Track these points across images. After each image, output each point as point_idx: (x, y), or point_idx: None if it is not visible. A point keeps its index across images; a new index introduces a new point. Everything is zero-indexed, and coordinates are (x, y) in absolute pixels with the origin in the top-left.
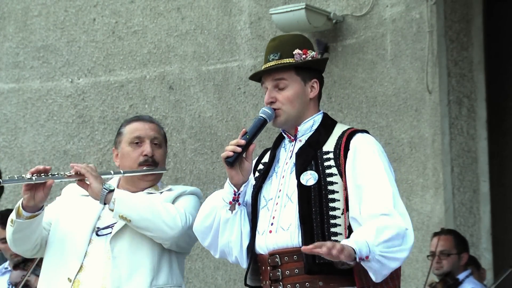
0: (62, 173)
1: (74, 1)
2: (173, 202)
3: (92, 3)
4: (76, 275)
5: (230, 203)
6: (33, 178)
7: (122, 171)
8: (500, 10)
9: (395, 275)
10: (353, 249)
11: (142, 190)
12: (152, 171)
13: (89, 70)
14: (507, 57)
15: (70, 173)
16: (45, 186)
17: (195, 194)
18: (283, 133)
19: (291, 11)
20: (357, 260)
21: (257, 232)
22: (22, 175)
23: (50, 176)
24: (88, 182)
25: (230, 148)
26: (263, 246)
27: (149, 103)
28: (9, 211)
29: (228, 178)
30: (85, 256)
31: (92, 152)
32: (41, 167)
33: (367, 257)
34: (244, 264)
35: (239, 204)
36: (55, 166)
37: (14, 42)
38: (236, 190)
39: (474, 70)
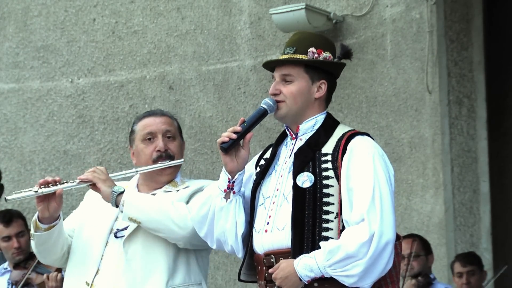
0: (71, 180)
1: (74, 1)
2: (190, 198)
3: (92, 3)
4: (93, 278)
5: (224, 191)
6: (39, 190)
7: (135, 169)
8: (500, 10)
9: (396, 279)
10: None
11: (163, 185)
12: (166, 165)
13: (89, 70)
14: (507, 57)
15: (79, 179)
16: (56, 196)
17: None
18: (287, 130)
19: (291, 11)
20: (307, 282)
21: (254, 230)
22: (30, 188)
23: (58, 185)
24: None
25: (225, 134)
26: (260, 245)
27: (149, 103)
28: (9, 211)
29: (223, 166)
30: (101, 259)
31: (92, 152)
32: (49, 178)
33: (322, 275)
34: (239, 253)
35: (234, 193)
36: (55, 166)
37: (14, 42)
38: (230, 177)
39: (474, 70)
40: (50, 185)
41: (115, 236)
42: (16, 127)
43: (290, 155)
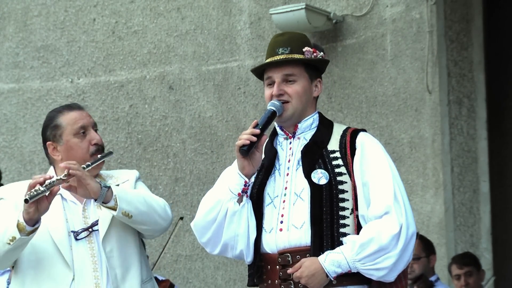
0: (58, 178)
1: (74, 1)
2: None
3: (92, 3)
4: (70, 285)
5: (239, 194)
6: (45, 189)
7: (90, 163)
8: (500, 10)
9: (407, 274)
10: (326, 274)
11: None
12: (106, 156)
13: (89, 70)
14: (507, 57)
15: (64, 177)
16: (49, 195)
17: (140, 178)
18: (279, 130)
19: (291, 11)
20: (332, 279)
21: (263, 230)
22: (36, 189)
23: (53, 183)
24: (72, 183)
25: (245, 137)
26: (272, 244)
27: (149, 103)
28: None
29: (238, 169)
30: (72, 264)
31: None
32: (47, 175)
33: (349, 271)
34: (248, 258)
35: (247, 196)
36: None
37: (14, 42)
38: (247, 180)
39: (474, 70)
40: (47, 182)
41: (76, 239)
42: (16, 127)
43: (292, 154)
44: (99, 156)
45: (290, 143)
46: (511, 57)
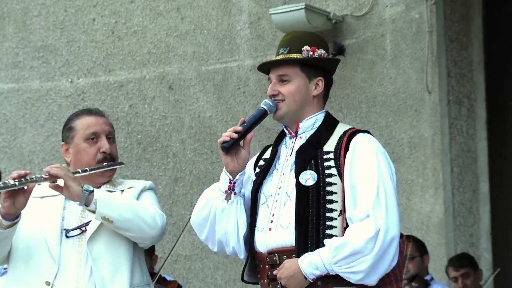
0: (39, 176)
1: (74, 1)
2: (138, 198)
3: (92, 3)
4: (54, 279)
5: (225, 192)
6: (16, 183)
7: (88, 169)
8: (500, 10)
9: (399, 277)
10: (304, 276)
11: (100, 186)
12: (113, 166)
13: (88, 70)
14: (507, 57)
15: (46, 175)
16: (25, 191)
17: (153, 189)
18: (284, 129)
19: (290, 11)
20: (312, 280)
21: (256, 229)
22: (5, 181)
23: (29, 180)
24: (60, 183)
25: (226, 134)
26: (263, 244)
27: (148, 103)
28: None
29: (224, 167)
30: (60, 259)
31: None
32: (22, 172)
33: (327, 273)
34: (241, 255)
35: (235, 194)
36: None
37: (13, 42)
38: (231, 178)
39: (474, 70)
40: (22, 179)
41: (66, 236)
42: (16, 127)
43: (291, 154)
44: (104, 164)
45: (293, 142)
46: (511, 57)
